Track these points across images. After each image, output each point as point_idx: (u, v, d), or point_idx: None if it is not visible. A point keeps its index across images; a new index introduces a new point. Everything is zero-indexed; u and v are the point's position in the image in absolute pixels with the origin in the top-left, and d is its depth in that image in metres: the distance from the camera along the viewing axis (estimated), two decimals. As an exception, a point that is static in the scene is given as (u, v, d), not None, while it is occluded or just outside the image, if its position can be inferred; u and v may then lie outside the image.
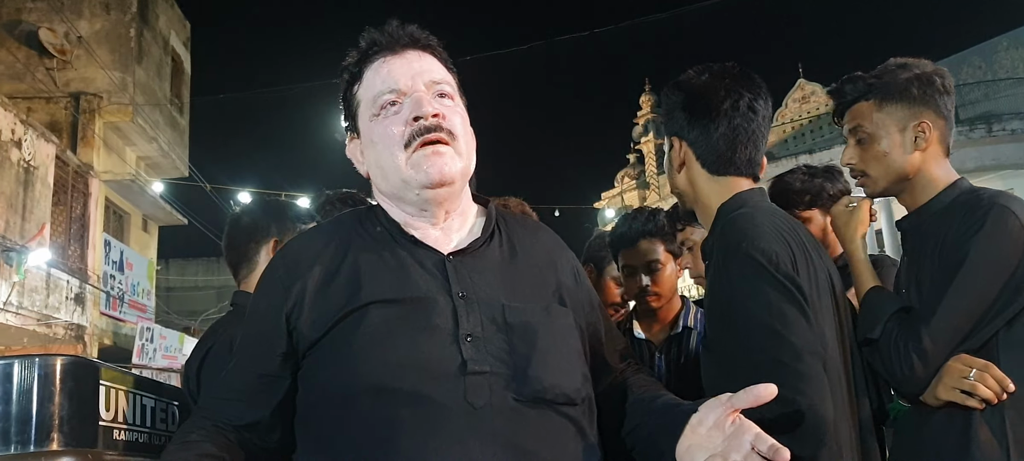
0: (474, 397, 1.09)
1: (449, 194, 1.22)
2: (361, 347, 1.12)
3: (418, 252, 1.21)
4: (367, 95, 1.25)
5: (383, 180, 1.25)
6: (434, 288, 1.17)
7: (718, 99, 1.51)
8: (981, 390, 1.40)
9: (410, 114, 1.20)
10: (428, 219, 1.24)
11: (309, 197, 13.25)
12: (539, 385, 1.12)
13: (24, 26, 13.30)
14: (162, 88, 15.14)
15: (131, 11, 14.00)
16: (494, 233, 1.27)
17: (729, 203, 1.52)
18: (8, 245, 10.29)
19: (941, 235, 1.52)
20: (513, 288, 1.20)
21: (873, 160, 1.63)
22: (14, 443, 1.22)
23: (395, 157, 1.20)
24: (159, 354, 12.99)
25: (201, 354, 1.78)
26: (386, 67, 1.24)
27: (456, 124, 1.23)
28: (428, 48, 1.27)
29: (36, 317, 11.06)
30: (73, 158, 12.47)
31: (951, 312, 1.46)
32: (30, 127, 11.04)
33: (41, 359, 1.26)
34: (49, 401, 1.25)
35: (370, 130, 1.25)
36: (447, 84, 1.26)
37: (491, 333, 1.14)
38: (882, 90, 1.62)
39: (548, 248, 1.32)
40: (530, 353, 1.14)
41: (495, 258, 1.24)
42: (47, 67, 13.21)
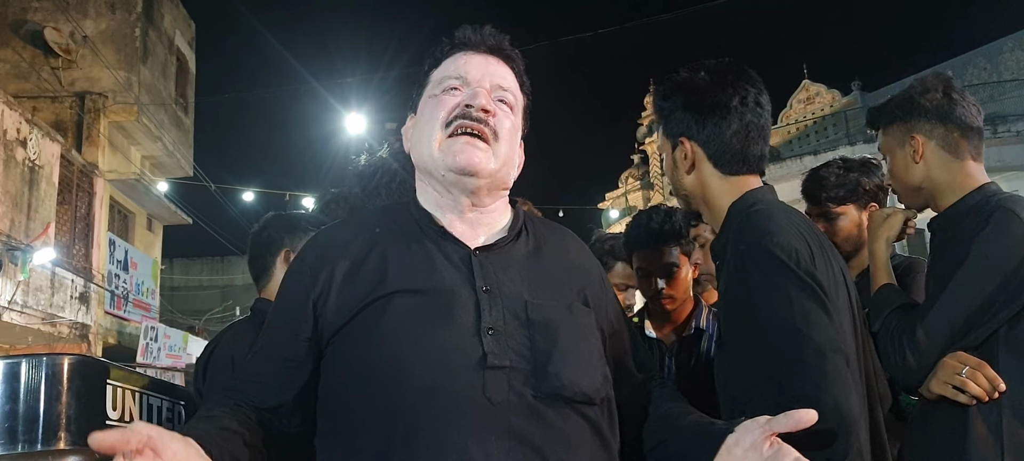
0: (493, 392, 1.10)
1: (475, 186, 1.24)
2: (383, 335, 1.13)
3: (445, 245, 1.23)
4: (437, 77, 1.31)
5: (419, 153, 1.29)
6: (458, 281, 1.18)
7: (727, 97, 1.49)
8: (971, 387, 1.45)
9: (463, 101, 1.24)
10: (456, 207, 1.26)
11: (313, 196, 13.17)
12: (558, 382, 1.13)
13: (29, 26, 13.34)
14: (167, 88, 15.17)
15: (136, 11, 14.04)
16: (521, 232, 1.29)
17: (741, 201, 1.49)
18: (13, 244, 10.32)
19: (960, 238, 1.57)
20: (537, 286, 1.21)
21: (893, 179, 1.77)
22: (21, 442, 1.22)
23: (433, 133, 1.24)
24: (163, 353, 13.02)
25: (208, 352, 1.80)
26: (463, 59, 1.29)
27: (503, 127, 1.26)
28: (509, 60, 1.32)
29: (41, 316, 11.09)
30: (78, 157, 12.51)
31: (947, 307, 1.51)
32: (35, 126, 11.07)
33: (48, 358, 1.27)
34: (56, 400, 1.25)
35: (425, 105, 1.30)
36: (511, 95, 1.30)
37: (513, 328, 1.15)
38: (882, 117, 1.78)
39: (574, 252, 1.34)
40: (550, 350, 1.15)
41: (520, 256, 1.26)
42: (52, 66, 13.24)
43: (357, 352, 1.15)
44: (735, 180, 1.51)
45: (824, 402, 1.25)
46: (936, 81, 1.70)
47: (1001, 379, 1.45)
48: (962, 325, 1.50)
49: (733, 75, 1.51)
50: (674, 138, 1.55)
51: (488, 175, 1.24)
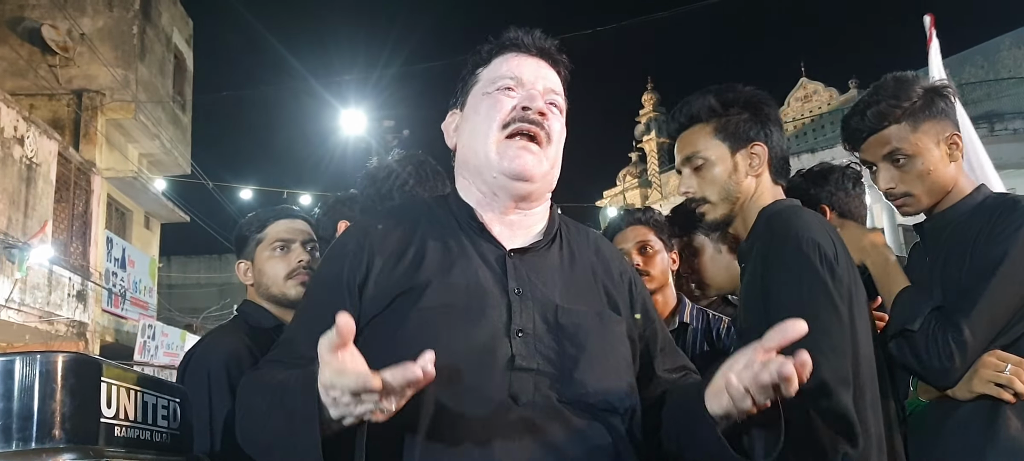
0: (518, 392, 1.12)
1: (526, 191, 1.26)
2: (414, 327, 1.15)
3: (482, 244, 1.25)
4: (489, 76, 1.32)
5: (470, 150, 1.30)
6: (492, 281, 1.20)
7: (777, 114, 1.64)
8: (1017, 385, 1.44)
9: (520, 103, 1.26)
10: (498, 207, 1.27)
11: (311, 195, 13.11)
12: (583, 389, 1.14)
13: (27, 23, 13.31)
14: (164, 85, 15.14)
15: (134, 8, 14.01)
16: (556, 237, 1.31)
17: (770, 205, 1.57)
18: (10, 242, 10.30)
19: (972, 236, 1.56)
20: (569, 291, 1.23)
21: (916, 180, 1.66)
22: (15, 440, 1.22)
23: (490, 132, 1.26)
24: (161, 351, 13.00)
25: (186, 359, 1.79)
26: (516, 61, 1.32)
27: (555, 130, 1.29)
28: (557, 65, 1.35)
29: (38, 314, 11.08)
30: (75, 155, 12.48)
31: (991, 306, 1.50)
32: (33, 124, 11.05)
33: (43, 356, 1.27)
34: (51, 398, 1.25)
35: (478, 101, 1.30)
36: (560, 98, 1.33)
37: (542, 332, 1.16)
38: (914, 111, 1.66)
39: (607, 257, 1.35)
40: (578, 356, 1.16)
41: (554, 261, 1.27)
42: (50, 64, 13.22)
43: (388, 342, 1.15)
44: (777, 187, 1.62)
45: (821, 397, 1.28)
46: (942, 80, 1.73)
47: None
48: (1003, 323, 1.50)
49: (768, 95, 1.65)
50: (743, 143, 1.60)
51: (539, 179, 1.27)
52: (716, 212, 1.62)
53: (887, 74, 1.70)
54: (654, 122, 25.18)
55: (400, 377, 0.92)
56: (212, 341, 1.82)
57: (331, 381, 0.95)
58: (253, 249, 1.95)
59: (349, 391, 0.94)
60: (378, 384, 0.92)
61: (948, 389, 1.52)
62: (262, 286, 1.92)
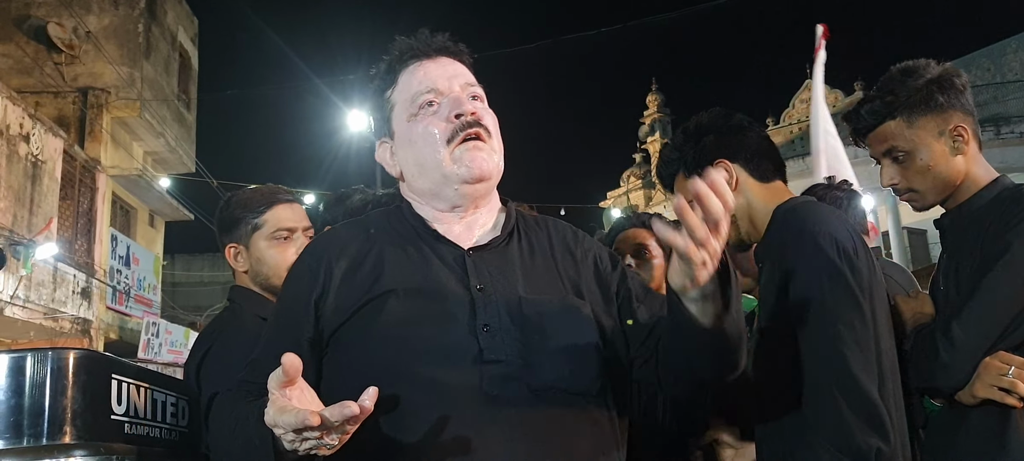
0: (490, 385, 1.13)
1: (486, 190, 1.27)
2: (381, 334, 1.16)
3: (439, 247, 1.25)
4: (403, 97, 1.29)
5: (421, 177, 1.28)
6: (453, 281, 1.21)
7: (736, 118, 1.63)
8: (1020, 388, 1.38)
9: (450, 112, 1.25)
10: (457, 214, 1.28)
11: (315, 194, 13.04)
12: (553, 375, 1.15)
13: (33, 21, 13.34)
14: (170, 84, 15.16)
15: (139, 7, 14.03)
16: (513, 231, 1.31)
17: (785, 203, 1.54)
18: (16, 239, 10.33)
19: (983, 230, 1.50)
20: (531, 282, 1.24)
21: (918, 176, 1.60)
22: (27, 435, 1.23)
23: (437, 153, 1.24)
24: (164, 349, 13.02)
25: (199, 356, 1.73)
26: (422, 70, 1.29)
27: (490, 124, 1.28)
28: (458, 56, 1.33)
29: (43, 311, 11.10)
30: (80, 153, 12.51)
31: (985, 303, 1.44)
32: (38, 122, 11.07)
33: (54, 353, 1.27)
34: (62, 394, 1.26)
35: (408, 130, 1.28)
36: (479, 88, 1.32)
37: (508, 324, 1.17)
38: (908, 106, 1.58)
39: (566, 240, 1.34)
40: (545, 344, 1.17)
41: (514, 254, 1.27)
42: (55, 62, 13.24)
43: (356, 352, 1.17)
44: (774, 186, 1.60)
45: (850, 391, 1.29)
46: (946, 67, 1.61)
47: None
48: (1004, 322, 1.43)
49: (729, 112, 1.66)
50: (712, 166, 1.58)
51: (496, 173, 1.27)
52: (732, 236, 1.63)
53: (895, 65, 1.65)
54: (658, 123, 25.15)
55: (338, 414, 0.94)
56: (229, 334, 1.74)
57: (273, 420, 0.97)
58: (248, 234, 1.83)
59: (290, 429, 0.96)
60: (316, 421, 0.93)
61: (942, 389, 1.48)
62: (260, 275, 1.83)
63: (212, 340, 1.78)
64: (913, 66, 1.62)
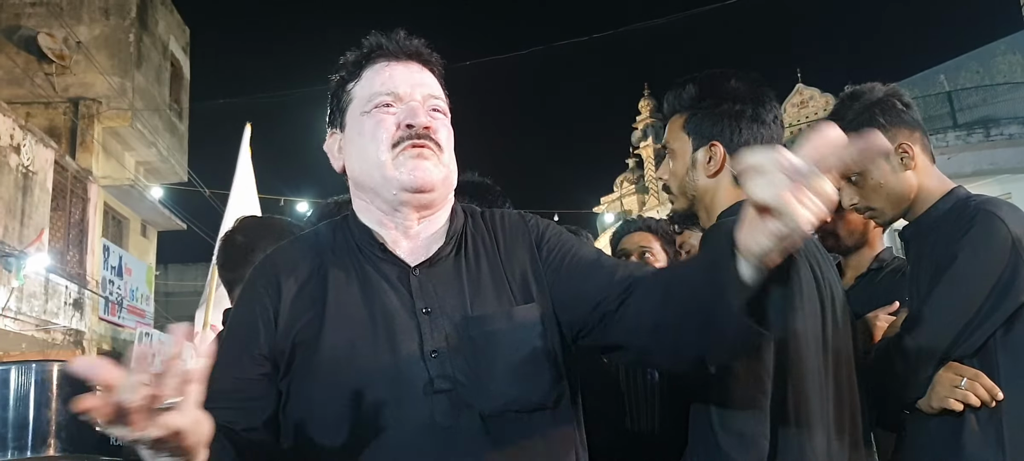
0: (441, 416, 1.09)
1: (427, 200, 1.23)
2: (326, 362, 1.12)
3: (384, 266, 1.21)
4: (363, 92, 1.26)
5: (363, 173, 1.24)
6: (397, 304, 1.16)
7: (765, 111, 1.51)
8: (972, 399, 1.44)
9: (403, 119, 1.21)
10: (400, 222, 1.23)
11: (308, 202, 13.01)
12: (503, 397, 1.12)
13: (23, 31, 13.31)
14: (161, 93, 15.14)
15: (130, 16, 14.02)
16: (461, 240, 1.26)
17: (729, 210, 1.51)
18: (7, 250, 10.28)
19: (936, 242, 1.55)
20: (477, 297, 1.19)
21: (873, 194, 1.65)
22: (11, 448, 1.22)
23: (380, 154, 1.21)
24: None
25: None
26: (388, 71, 1.25)
27: (443, 138, 1.25)
28: (429, 65, 1.30)
29: (35, 322, 11.05)
30: (72, 163, 12.47)
31: (935, 313, 1.49)
32: (29, 132, 11.04)
33: (38, 365, 1.27)
34: (46, 407, 1.25)
35: (359, 123, 1.25)
36: (442, 101, 1.28)
37: (455, 348, 1.13)
38: (852, 129, 1.63)
39: (511, 235, 1.29)
40: (495, 365, 1.13)
41: (461, 267, 1.23)
42: (46, 72, 13.21)
43: (303, 384, 1.13)
44: (739, 190, 1.52)
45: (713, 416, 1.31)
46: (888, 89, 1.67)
47: (998, 387, 1.44)
48: (953, 332, 1.47)
49: (768, 92, 1.54)
50: (703, 139, 1.53)
51: (440, 185, 1.23)
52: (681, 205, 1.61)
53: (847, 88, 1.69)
54: (651, 128, 25.21)
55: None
56: None
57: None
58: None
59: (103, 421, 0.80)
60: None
61: (900, 398, 1.52)
62: None
63: None
64: (858, 90, 1.68)
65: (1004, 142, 14.10)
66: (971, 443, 1.45)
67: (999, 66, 17.09)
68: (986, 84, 16.77)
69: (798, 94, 22.12)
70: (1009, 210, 1.52)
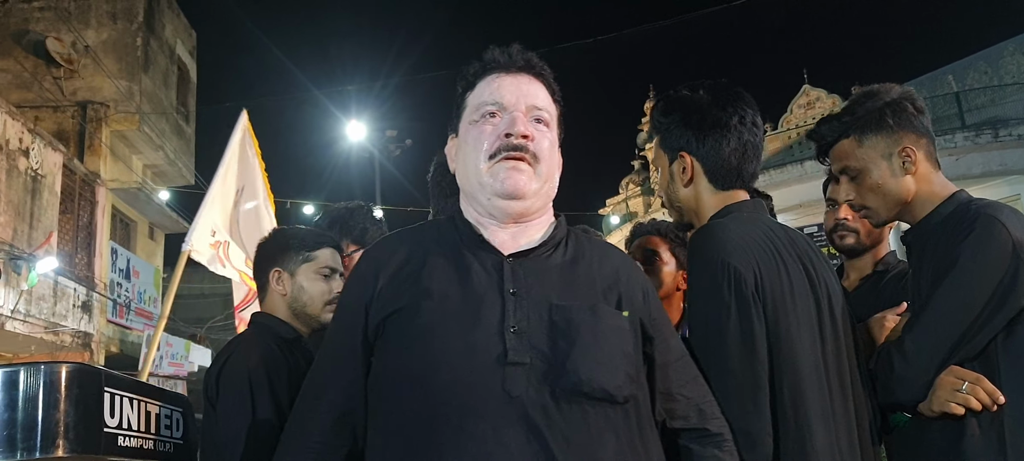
0: (511, 386, 1.15)
1: (521, 208, 1.31)
2: (412, 336, 1.21)
3: (480, 253, 1.30)
4: (474, 102, 1.36)
5: (465, 178, 1.36)
6: (488, 285, 1.25)
7: (727, 115, 1.57)
8: (973, 403, 1.43)
9: (503, 129, 1.30)
10: (498, 223, 1.32)
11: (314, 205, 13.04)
12: (575, 378, 1.16)
13: (31, 35, 13.39)
14: (168, 97, 15.20)
15: (137, 20, 14.08)
16: (561, 243, 1.34)
17: (718, 213, 1.57)
18: (16, 253, 10.33)
19: (937, 246, 1.55)
20: (566, 289, 1.26)
21: (869, 193, 1.67)
22: (20, 449, 1.23)
23: (478, 162, 1.31)
24: (165, 361, 13.01)
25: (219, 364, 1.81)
26: (496, 83, 1.35)
27: (543, 148, 1.33)
28: (540, 76, 1.38)
29: (43, 325, 11.10)
30: (80, 167, 12.53)
31: (935, 316, 1.49)
32: (37, 136, 11.10)
33: (46, 366, 1.28)
34: (54, 408, 1.26)
35: (466, 131, 1.36)
36: (546, 112, 1.36)
37: (536, 327, 1.20)
38: (858, 126, 1.67)
39: (616, 266, 1.36)
40: (570, 349, 1.19)
41: (555, 262, 1.31)
42: (54, 76, 13.28)
43: (392, 353, 1.23)
44: (726, 194, 1.59)
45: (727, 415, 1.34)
46: (903, 91, 1.68)
47: (999, 391, 1.43)
48: (954, 335, 1.47)
49: (732, 95, 1.60)
50: (673, 152, 1.63)
51: (532, 195, 1.31)
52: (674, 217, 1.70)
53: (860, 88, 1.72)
54: (650, 132, 25.14)
55: None
56: (246, 349, 1.82)
57: None
58: (297, 265, 2.01)
59: None
60: None
61: (900, 401, 1.52)
62: (298, 301, 1.98)
63: (232, 350, 1.86)
64: (875, 89, 1.69)
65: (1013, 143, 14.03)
66: (972, 448, 1.44)
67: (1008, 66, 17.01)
68: (995, 84, 16.70)
69: (805, 95, 22.04)
70: (1010, 214, 1.52)
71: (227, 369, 1.77)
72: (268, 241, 2.12)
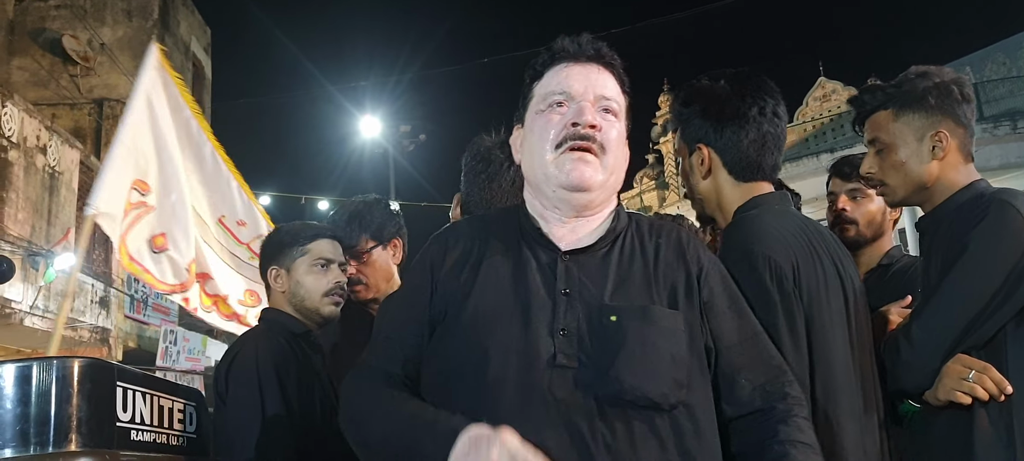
0: (557, 389, 1.14)
1: (586, 200, 1.28)
2: (463, 329, 1.21)
3: (537, 249, 1.28)
4: (541, 92, 1.34)
5: (529, 169, 1.33)
6: (540, 283, 1.23)
7: (746, 106, 1.54)
8: (979, 392, 1.40)
9: (570, 119, 1.28)
10: (559, 217, 1.30)
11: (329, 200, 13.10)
12: (618, 386, 1.14)
13: (48, 34, 13.51)
14: (183, 93, 15.31)
15: (152, 18, 14.18)
16: (620, 237, 1.31)
17: (744, 205, 1.54)
18: (34, 250, 10.45)
19: (949, 232, 1.52)
20: (619, 289, 1.23)
21: (891, 170, 1.63)
22: (33, 444, 1.24)
23: (545, 152, 1.29)
24: (182, 356, 13.11)
25: (229, 359, 1.83)
26: (565, 72, 1.32)
27: (610, 138, 1.30)
28: (609, 66, 1.35)
29: (61, 320, 11.21)
30: (97, 163, 12.63)
31: (944, 303, 1.46)
32: (55, 133, 11.21)
33: (59, 361, 1.28)
34: (67, 403, 1.27)
35: (532, 120, 1.33)
36: (615, 102, 1.33)
37: (585, 331, 1.18)
38: (899, 100, 1.62)
39: (677, 254, 1.30)
40: (615, 354, 1.16)
41: (612, 259, 1.27)
42: (71, 74, 13.41)
43: (444, 343, 1.23)
44: (747, 186, 1.56)
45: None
46: (955, 77, 1.63)
47: (1007, 381, 1.40)
48: (963, 322, 1.44)
49: (753, 85, 1.56)
50: (692, 144, 1.60)
51: (598, 187, 1.28)
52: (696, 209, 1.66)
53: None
54: (670, 123, 25.01)
55: None
56: (254, 344, 1.85)
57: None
58: (293, 259, 2.02)
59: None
60: None
61: (906, 388, 1.50)
62: (297, 296, 1.99)
63: (242, 345, 1.88)
64: (928, 69, 1.64)
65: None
66: (981, 440, 1.41)
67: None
68: (1013, 76, 16.49)
69: (821, 87, 21.85)
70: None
71: (236, 364, 1.78)
72: (264, 243, 2.15)
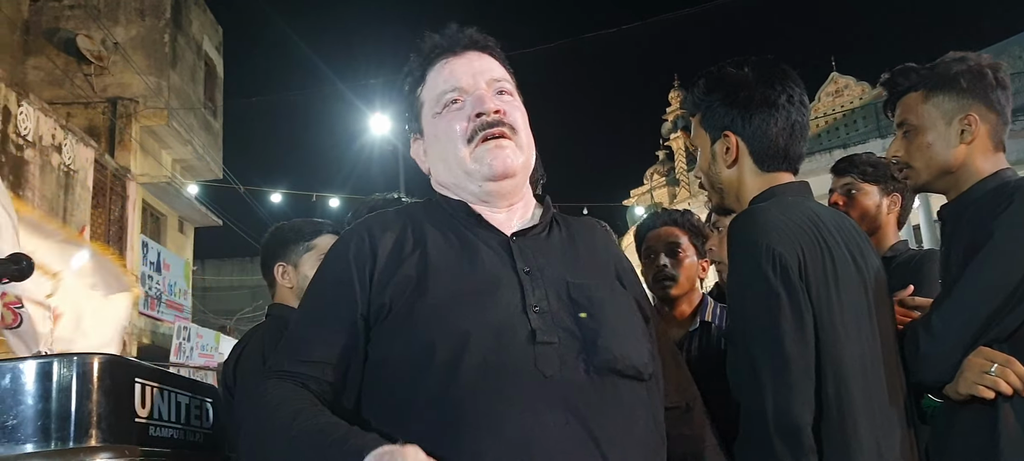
0: (544, 366, 1.10)
1: (512, 186, 1.26)
2: (430, 317, 1.13)
3: (483, 232, 1.24)
4: (430, 95, 1.30)
5: (446, 173, 1.29)
6: (499, 264, 1.20)
7: (775, 94, 1.50)
8: (1002, 386, 1.36)
9: (472, 111, 1.24)
10: (490, 208, 1.27)
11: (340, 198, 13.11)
12: (609, 355, 1.14)
13: (62, 33, 13.61)
14: (196, 92, 15.38)
15: (165, 17, 14.26)
16: (552, 223, 1.31)
17: (759, 195, 1.51)
18: (49, 247, 10.54)
19: (972, 220, 1.48)
20: (576, 268, 1.23)
21: (917, 152, 1.59)
22: (54, 439, 1.26)
23: (458, 151, 1.25)
24: (196, 352, 13.21)
25: (236, 354, 1.85)
26: (448, 68, 1.29)
27: (517, 119, 1.28)
28: (486, 49, 1.32)
29: (77, 317, 11.30)
30: (111, 162, 12.74)
31: (966, 293, 1.42)
32: (70, 132, 11.30)
33: (79, 358, 1.30)
34: (87, 399, 1.28)
35: (433, 126, 1.29)
36: (506, 82, 1.31)
37: (557, 307, 1.16)
38: (931, 81, 1.58)
39: (605, 242, 1.35)
40: (598, 326, 1.16)
41: (556, 242, 1.27)
42: (85, 73, 13.50)
43: (402, 335, 1.14)
44: (769, 176, 1.52)
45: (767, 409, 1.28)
46: (991, 62, 1.59)
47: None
48: (985, 313, 1.40)
49: (780, 72, 1.53)
50: (716, 131, 1.55)
51: (521, 170, 1.26)
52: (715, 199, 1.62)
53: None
54: (681, 120, 24.97)
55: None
56: (261, 338, 1.86)
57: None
58: (299, 255, 2.03)
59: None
60: None
61: (926, 380, 1.46)
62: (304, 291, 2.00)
63: (248, 341, 1.89)
64: (966, 55, 1.61)
65: (1047, 129, 13.68)
66: (1006, 437, 1.37)
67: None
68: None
69: (833, 83, 21.70)
70: None
71: (244, 359, 1.80)
72: (268, 239, 2.15)
